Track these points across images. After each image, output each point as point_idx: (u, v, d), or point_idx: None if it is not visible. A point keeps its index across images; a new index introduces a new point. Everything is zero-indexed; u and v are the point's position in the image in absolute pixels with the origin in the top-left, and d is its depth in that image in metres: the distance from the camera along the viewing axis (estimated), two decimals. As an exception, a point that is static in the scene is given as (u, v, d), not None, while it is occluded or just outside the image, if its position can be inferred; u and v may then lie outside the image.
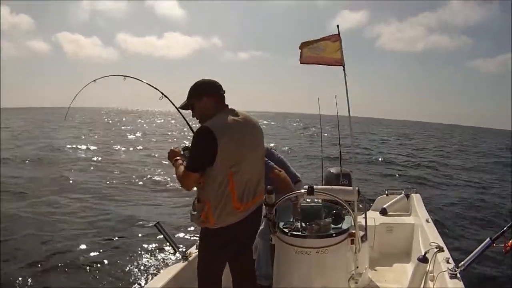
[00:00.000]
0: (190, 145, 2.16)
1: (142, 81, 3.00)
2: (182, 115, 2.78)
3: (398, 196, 4.53)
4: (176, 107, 2.63)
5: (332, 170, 4.01)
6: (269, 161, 2.91)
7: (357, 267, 2.55)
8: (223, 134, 2.00)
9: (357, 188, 2.68)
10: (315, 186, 2.50)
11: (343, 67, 2.59)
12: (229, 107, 2.23)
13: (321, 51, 2.70)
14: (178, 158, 2.25)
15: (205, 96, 2.18)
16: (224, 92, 2.23)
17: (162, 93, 2.80)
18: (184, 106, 2.29)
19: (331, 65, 2.68)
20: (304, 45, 2.75)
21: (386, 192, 4.68)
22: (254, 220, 2.28)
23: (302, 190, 2.54)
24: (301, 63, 2.80)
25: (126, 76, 2.96)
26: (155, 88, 2.89)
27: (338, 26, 2.60)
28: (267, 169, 2.83)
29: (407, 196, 4.55)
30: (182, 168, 2.13)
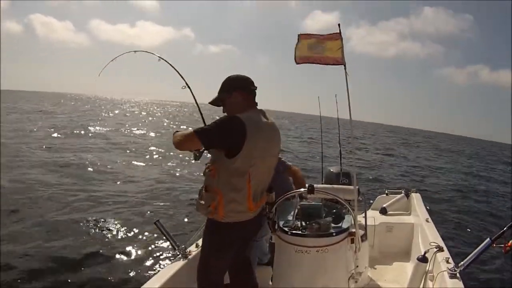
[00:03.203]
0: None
1: (173, 67, 2.71)
2: (198, 107, 2.65)
3: (398, 196, 4.53)
4: (195, 99, 2.61)
5: (332, 169, 4.02)
6: (284, 160, 2.94)
7: (357, 266, 2.55)
8: (254, 130, 1.98)
9: (357, 187, 2.68)
10: (315, 185, 2.50)
11: (344, 66, 2.58)
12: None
13: (322, 51, 2.67)
14: None
15: (236, 91, 2.13)
16: (255, 88, 2.18)
17: (186, 83, 2.62)
18: (215, 102, 2.22)
19: (331, 64, 2.66)
20: (303, 38, 2.65)
21: (386, 192, 4.68)
22: (257, 222, 2.28)
23: (302, 189, 2.54)
24: (297, 63, 2.69)
25: (161, 58, 2.72)
26: (181, 76, 2.66)
27: (339, 24, 2.58)
28: (284, 168, 2.84)
29: (407, 195, 4.55)
30: (189, 130, 2.05)
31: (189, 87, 2.60)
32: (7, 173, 9.47)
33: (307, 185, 2.50)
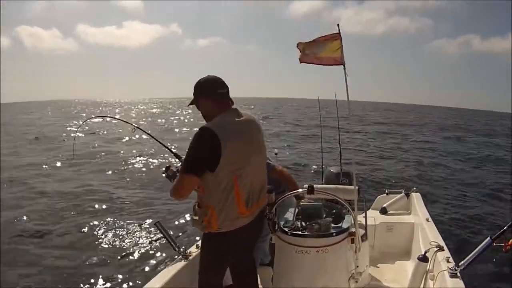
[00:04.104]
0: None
1: (123, 121, 3.51)
2: (160, 142, 3.04)
3: (398, 195, 4.52)
4: (149, 134, 3.18)
5: (332, 169, 4.02)
6: (269, 161, 2.92)
7: (357, 266, 2.55)
8: (227, 136, 1.92)
9: (357, 187, 2.67)
10: (315, 186, 2.50)
11: (344, 66, 2.58)
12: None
13: (321, 51, 2.67)
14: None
15: (204, 97, 2.11)
16: (226, 90, 2.11)
17: (135, 126, 3.11)
18: (192, 102, 2.20)
19: (331, 64, 2.66)
20: (302, 45, 2.72)
21: (386, 191, 4.67)
22: (257, 225, 2.25)
23: (300, 190, 2.54)
24: (300, 62, 2.75)
25: (111, 117, 3.46)
26: (129, 123, 3.28)
27: (338, 25, 2.59)
28: (269, 169, 2.83)
29: (407, 195, 4.54)
30: (177, 179, 2.05)
31: (139, 128, 3.11)
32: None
33: (307, 185, 2.50)
